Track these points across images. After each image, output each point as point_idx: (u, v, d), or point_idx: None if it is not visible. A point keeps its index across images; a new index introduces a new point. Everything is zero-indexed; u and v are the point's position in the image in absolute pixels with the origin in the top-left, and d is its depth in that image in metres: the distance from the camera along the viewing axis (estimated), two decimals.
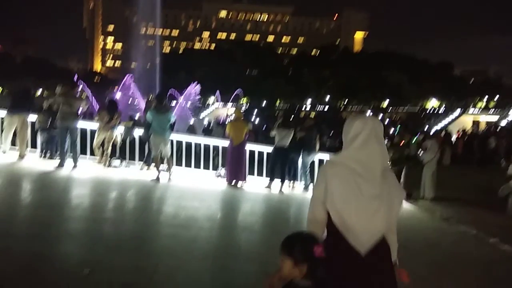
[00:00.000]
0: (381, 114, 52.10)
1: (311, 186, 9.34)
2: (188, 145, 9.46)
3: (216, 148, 9.61)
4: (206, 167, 9.34)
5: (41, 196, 6.02)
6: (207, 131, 15.98)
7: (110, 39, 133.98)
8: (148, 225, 5.20)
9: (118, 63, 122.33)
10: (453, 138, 22.61)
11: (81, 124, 8.62)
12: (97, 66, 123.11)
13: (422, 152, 10.33)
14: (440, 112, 51.52)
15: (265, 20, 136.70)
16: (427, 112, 53.73)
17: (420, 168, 10.58)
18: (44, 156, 8.82)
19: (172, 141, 8.70)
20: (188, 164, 9.26)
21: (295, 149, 8.92)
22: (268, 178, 8.75)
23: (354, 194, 1.98)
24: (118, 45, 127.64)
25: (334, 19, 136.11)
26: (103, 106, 9.20)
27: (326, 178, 2.06)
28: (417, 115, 51.14)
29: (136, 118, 15.66)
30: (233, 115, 9.03)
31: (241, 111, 9.30)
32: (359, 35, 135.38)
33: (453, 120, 44.86)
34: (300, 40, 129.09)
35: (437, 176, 10.07)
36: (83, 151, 8.88)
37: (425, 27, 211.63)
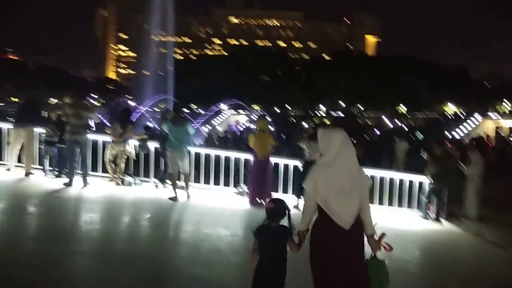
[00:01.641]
0: (398, 122, 50.74)
1: None
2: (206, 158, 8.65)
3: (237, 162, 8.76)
4: (226, 183, 8.49)
5: (47, 223, 5.29)
6: (224, 142, 15.17)
7: (123, 47, 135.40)
8: (166, 263, 4.39)
9: (131, 71, 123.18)
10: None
11: (92, 136, 7.93)
12: (111, 74, 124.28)
13: (464, 165, 9.31)
14: (461, 117, 49.76)
15: (276, 26, 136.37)
16: (449, 118, 51.93)
17: (460, 182, 9.58)
18: (52, 173, 8.12)
19: (189, 155, 7.92)
20: (206, 181, 8.45)
21: None
22: (296, 196, 7.87)
23: (335, 187, 2.75)
24: (131, 53, 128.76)
25: (349, 23, 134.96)
26: (115, 116, 8.45)
27: (315, 178, 2.83)
28: (437, 121, 49.52)
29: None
30: (257, 127, 8.15)
31: (266, 123, 8.39)
32: (371, 40, 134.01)
33: (475, 126, 43.22)
34: (312, 45, 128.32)
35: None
36: (94, 168, 8.18)
37: (435, 31, 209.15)
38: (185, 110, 55.82)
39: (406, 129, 41.36)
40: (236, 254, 4.86)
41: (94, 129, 7.66)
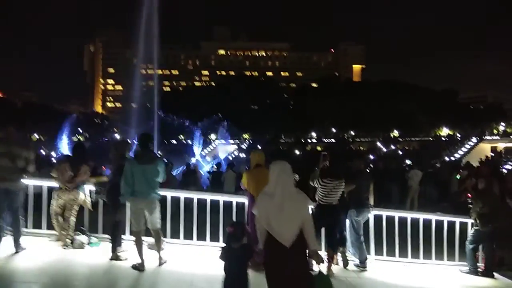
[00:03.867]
0: (392, 146, 49.51)
1: (369, 261, 6.49)
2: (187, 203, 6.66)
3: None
4: (214, 238, 6.47)
5: None
6: (216, 176, 13.19)
7: (110, 81, 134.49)
8: None
9: (118, 105, 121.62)
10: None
11: (31, 182, 5.96)
12: (98, 108, 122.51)
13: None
14: (455, 140, 48.78)
15: (263, 56, 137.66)
16: (443, 140, 50.88)
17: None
18: None
19: (165, 201, 5.99)
20: (187, 235, 6.42)
21: (340, 205, 6.18)
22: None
23: (275, 210, 3.45)
24: (119, 87, 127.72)
25: (332, 51, 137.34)
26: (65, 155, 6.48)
27: (259, 204, 3.61)
28: (432, 144, 48.36)
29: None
30: (251, 160, 6.23)
31: (262, 156, 6.44)
32: (357, 67, 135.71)
33: (471, 148, 42.15)
34: (299, 74, 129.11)
35: None
36: (37, 223, 6.15)
37: (417, 55, 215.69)
38: (173, 141, 53.97)
39: (400, 153, 40.19)
40: None
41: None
